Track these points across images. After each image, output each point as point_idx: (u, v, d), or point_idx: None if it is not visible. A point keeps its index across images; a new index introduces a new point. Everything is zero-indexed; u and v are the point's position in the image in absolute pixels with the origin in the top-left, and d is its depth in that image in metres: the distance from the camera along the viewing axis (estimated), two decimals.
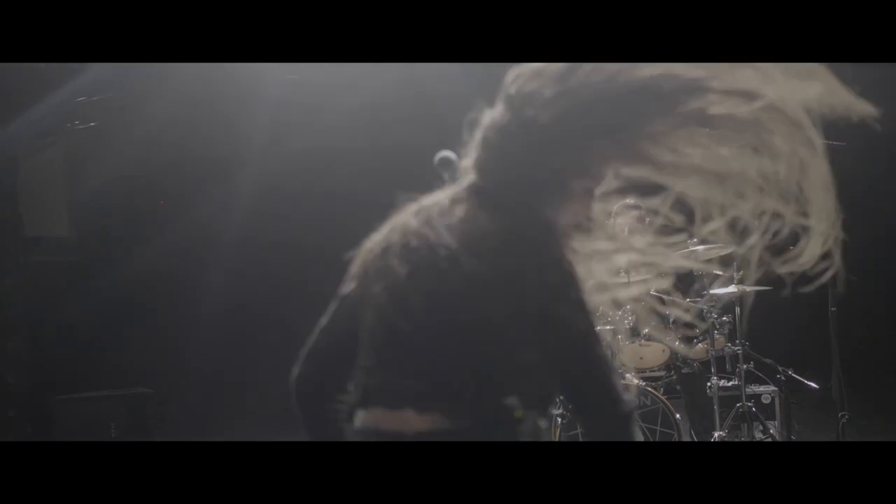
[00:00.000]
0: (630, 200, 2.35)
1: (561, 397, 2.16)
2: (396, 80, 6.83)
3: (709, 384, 6.14)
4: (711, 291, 6.15)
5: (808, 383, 6.51)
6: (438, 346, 2.06)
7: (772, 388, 6.42)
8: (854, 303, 6.29)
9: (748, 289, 6.13)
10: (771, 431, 6.10)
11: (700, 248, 6.13)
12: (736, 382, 6.18)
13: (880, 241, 7.06)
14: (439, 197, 2.23)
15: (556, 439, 5.47)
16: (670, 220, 2.32)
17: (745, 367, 6.13)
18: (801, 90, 2.10)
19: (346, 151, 7.13)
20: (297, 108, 6.88)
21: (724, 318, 6.24)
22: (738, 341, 6.14)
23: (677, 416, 5.67)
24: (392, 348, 2.11)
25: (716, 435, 5.91)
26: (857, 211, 6.75)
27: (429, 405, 2.04)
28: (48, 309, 6.97)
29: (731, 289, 6.09)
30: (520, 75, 2.18)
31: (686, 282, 6.36)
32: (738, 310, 6.21)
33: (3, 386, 6.64)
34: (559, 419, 5.54)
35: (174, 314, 7.35)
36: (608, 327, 5.77)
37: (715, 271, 6.26)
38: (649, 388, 5.79)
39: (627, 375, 5.89)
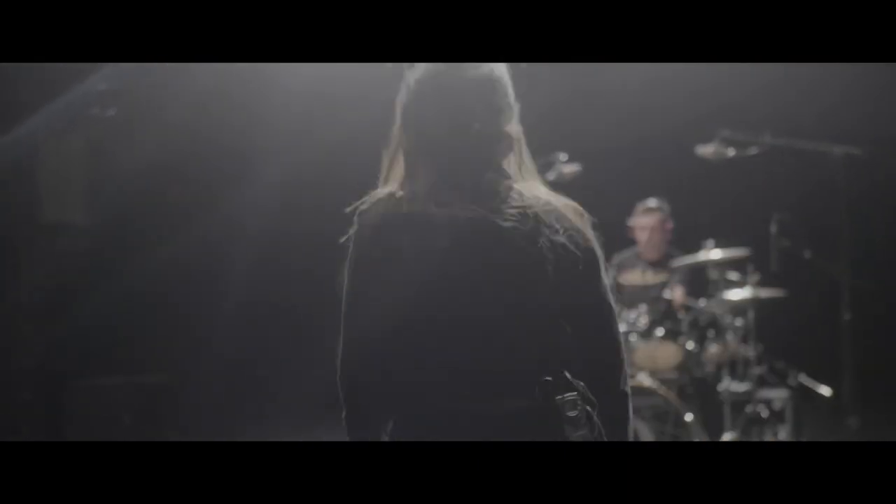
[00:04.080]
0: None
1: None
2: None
3: (720, 387, 6.14)
4: (724, 295, 6.15)
5: (820, 388, 6.50)
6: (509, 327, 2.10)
7: (784, 392, 6.41)
8: (869, 309, 6.27)
9: (762, 293, 6.14)
10: (780, 436, 6.10)
11: (714, 251, 6.15)
12: (748, 386, 6.16)
13: None
14: None
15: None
16: None
17: (757, 370, 6.14)
18: None
19: (370, 145, 7.11)
20: (323, 101, 6.86)
21: (738, 322, 6.22)
22: (750, 345, 6.15)
23: (686, 417, 5.67)
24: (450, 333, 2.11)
25: (726, 437, 5.92)
26: (877, 219, 6.73)
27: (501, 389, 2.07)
28: (67, 295, 7.00)
29: (745, 292, 6.09)
30: None
31: (700, 284, 6.35)
32: (750, 313, 6.20)
33: (20, 370, 6.70)
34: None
35: (194, 306, 7.36)
36: (622, 328, 5.76)
37: (728, 275, 6.27)
38: (660, 391, 5.79)
39: (639, 376, 5.88)
